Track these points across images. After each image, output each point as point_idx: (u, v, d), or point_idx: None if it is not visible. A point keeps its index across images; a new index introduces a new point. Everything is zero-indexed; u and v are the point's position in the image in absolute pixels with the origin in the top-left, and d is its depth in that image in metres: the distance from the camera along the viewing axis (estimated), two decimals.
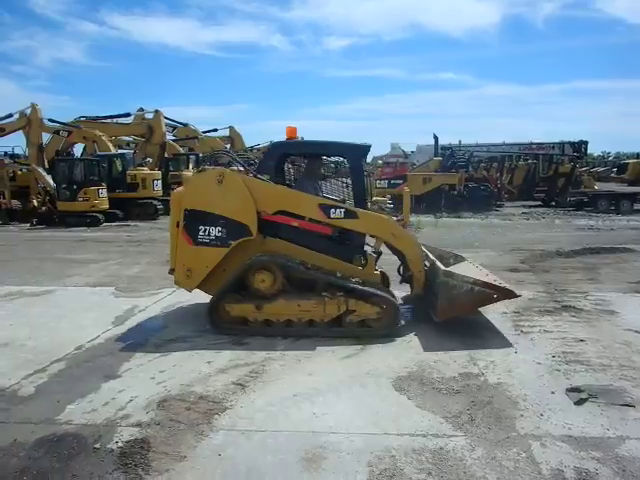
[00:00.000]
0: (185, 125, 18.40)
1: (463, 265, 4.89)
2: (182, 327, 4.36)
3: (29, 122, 14.54)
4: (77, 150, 17.04)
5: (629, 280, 5.96)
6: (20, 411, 2.89)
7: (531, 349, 3.79)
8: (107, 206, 13.10)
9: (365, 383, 3.22)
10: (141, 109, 16.65)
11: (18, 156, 16.50)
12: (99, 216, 12.73)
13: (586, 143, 20.57)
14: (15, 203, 13.41)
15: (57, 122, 14.92)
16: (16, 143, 16.96)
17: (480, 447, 2.48)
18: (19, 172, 14.21)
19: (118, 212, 13.31)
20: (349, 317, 4.02)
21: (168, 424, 2.71)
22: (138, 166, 14.99)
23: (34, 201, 13.10)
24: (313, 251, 4.20)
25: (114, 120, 16.16)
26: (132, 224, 12.55)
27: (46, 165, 14.41)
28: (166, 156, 16.18)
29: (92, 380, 3.30)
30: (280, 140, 4.57)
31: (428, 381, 3.24)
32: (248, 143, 21.01)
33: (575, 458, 2.39)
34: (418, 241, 4.53)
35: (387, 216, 4.35)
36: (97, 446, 2.49)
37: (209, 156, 6.26)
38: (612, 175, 26.63)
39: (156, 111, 15.67)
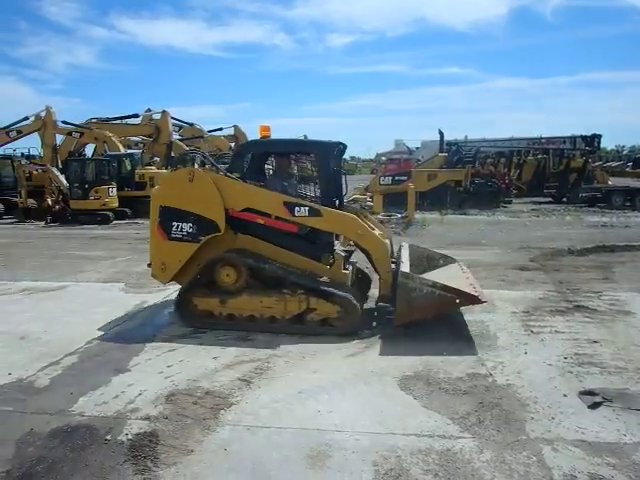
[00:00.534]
0: (191, 125, 18.51)
1: (449, 268, 4.69)
2: None
3: (44, 124, 14.87)
4: (88, 150, 17.34)
5: None
6: (36, 402, 2.97)
7: (542, 350, 3.69)
8: (117, 204, 13.33)
9: (370, 382, 3.20)
10: (149, 110, 16.84)
11: (34, 157, 16.89)
12: (109, 214, 12.97)
13: (599, 137, 19.88)
14: (31, 202, 13.74)
15: (70, 124, 15.20)
16: (32, 144, 17.26)
17: (489, 450, 2.42)
18: (35, 172, 14.51)
19: (127, 210, 13.52)
20: (310, 315, 4.02)
21: (176, 418, 2.74)
22: (146, 165, 15.17)
23: (48, 200, 13.41)
24: (282, 249, 4.21)
25: (123, 121, 16.39)
26: (140, 222, 12.67)
27: (60, 165, 14.71)
28: (172, 155, 16.34)
29: (103, 373, 3.37)
30: (251, 139, 4.70)
31: (434, 381, 3.19)
32: None
33: (589, 464, 2.30)
34: (385, 240, 4.34)
35: (353, 215, 4.24)
36: (108, 438, 2.55)
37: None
38: (627, 170, 25.76)
39: (163, 112, 15.84)
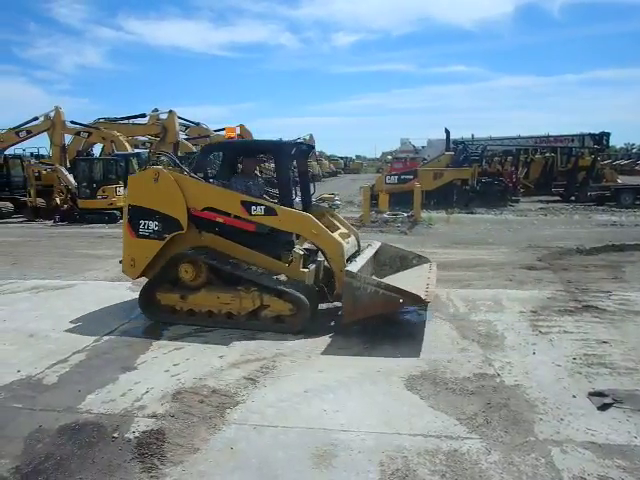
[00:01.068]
0: (197, 124, 18.57)
1: (421, 268, 4.75)
2: None
3: (53, 124, 15.00)
4: (96, 150, 17.50)
5: None
6: (45, 399, 3.00)
7: (550, 350, 3.65)
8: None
9: (376, 381, 3.18)
10: (156, 110, 16.90)
11: (43, 156, 17.08)
12: (117, 213, 13.04)
13: (608, 135, 19.62)
14: (40, 201, 13.89)
15: (78, 124, 15.34)
16: (41, 144, 17.49)
17: (497, 451, 2.39)
18: (44, 172, 14.66)
19: None
20: (264, 312, 4.12)
21: (182, 416, 2.75)
22: (153, 165, 15.21)
23: (57, 199, 13.54)
24: (243, 247, 4.32)
25: (131, 121, 16.49)
26: None
27: (68, 165, 14.85)
28: (179, 155, 16.42)
29: (110, 371, 3.39)
30: (210, 142, 4.90)
31: (441, 381, 3.16)
32: None
33: (599, 466, 2.27)
34: (340, 240, 4.31)
35: (308, 214, 4.32)
36: (115, 435, 2.56)
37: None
38: (637, 168, 25.30)
39: (170, 111, 15.89)
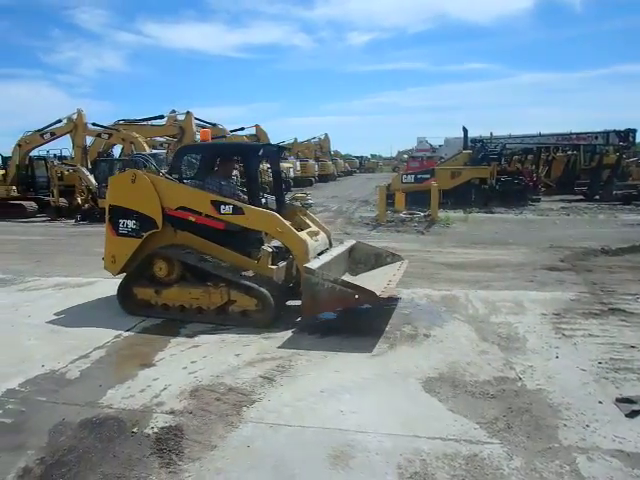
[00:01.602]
0: (214, 125, 18.74)
1: (392, 266, 4.83)
2: None
3: (75, 127, 15.40)
4: (116, 151, 17.94)
5: None
6: (67, 393, 3.07)
7: (574, 354, 3.52)
8: None
9: (393, 383, 3.14)
10: (173, 111, 17.13)
11: (65, 158, 17.59)
12: None
13: (634, 131, 18.77)
14: (62, 201, 14.35)
15: (99, 126, 15.72)
16: (63, 146, 18.03)
17: (519, 456, 2.32)
18: (66, 172, 15.12)
19: None
20: (231, 307, 4.26)
21: (199, 413, 2.77)
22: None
23: (78, 199, 13.95)
24: (215, 244, 4.51)
25: (149, 122, 16.79)
26: None
27: (89, 165, 15.27)
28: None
29: (129, 367, 3.46)
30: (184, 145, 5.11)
31: (460, 384, 3.09)
32: (273, 140, 21.28)
33: (628, 476, 2.17)
34: (306, 238, 4.45)
35: (274, 213, 4.45)
36: (135, 430, 2.60)
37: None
38: None
39: (187, 112, 16.09)
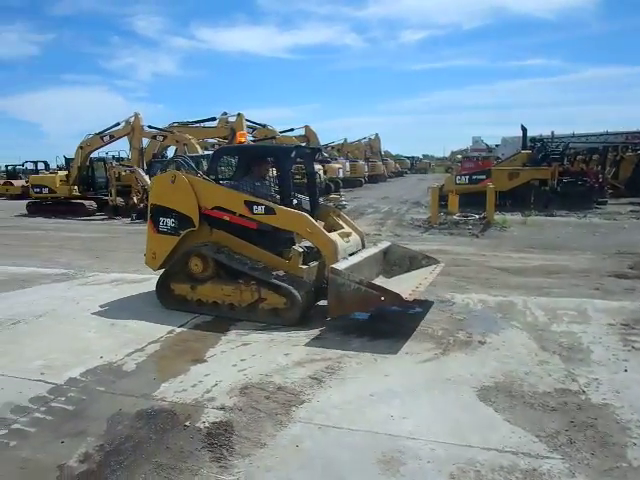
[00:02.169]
0: (264, 126, 19.12)
1: (426, 269, 4.75)
2: None
3: (132, 129, 16.48)
4: (170, 152, 18.97)
5: None
6: (124, 384, 3.24)
7: None
8: None
9: (445, 390, 3.01)
10: (225, 113, 17.71)
11: (122, 159, 18.96)
12: None
13: None
14: (119, 200, 15.45)
15: (155, 128, 16.65)
16: (120, 148, 19.41)
17: (582, 474, 2.14)
18: (123, 173, 16.24)
19: None
20: (261, 305, 4.35)
21: (249, 411, 2.82)
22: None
23: (134, 198, 14.94)
24: (249, 243, 4.63)
25: (201, 124, 17.53)
26: None
27: (145, 166, 16.31)
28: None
29: (182, 362, 3.58)
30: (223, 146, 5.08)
31: (518, 394, 2.91)
32: (323, 141, 21.29)
33: None
34: (336, 239, 4.42)
35: (304, 214, 4.48)
36: (187, 424, 2.69)
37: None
38: None
39: (238, 114, 16.52)
